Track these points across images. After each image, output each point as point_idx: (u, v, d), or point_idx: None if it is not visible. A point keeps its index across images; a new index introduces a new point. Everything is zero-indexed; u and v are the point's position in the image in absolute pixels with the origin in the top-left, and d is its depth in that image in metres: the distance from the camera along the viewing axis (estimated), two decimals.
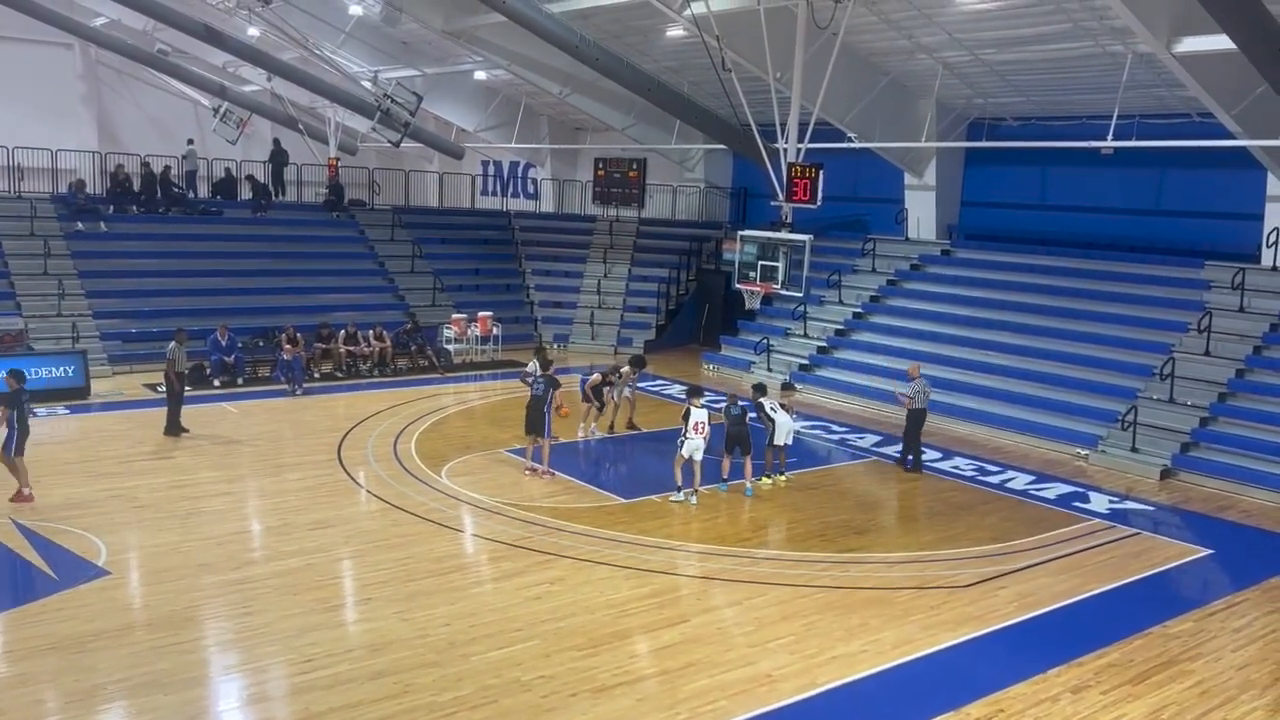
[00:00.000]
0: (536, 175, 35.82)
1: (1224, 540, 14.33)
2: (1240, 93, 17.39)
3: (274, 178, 31.87)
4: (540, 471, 15.58)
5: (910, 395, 16.84)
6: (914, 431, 17.07)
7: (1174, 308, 20.32)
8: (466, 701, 8.75)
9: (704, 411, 14.64)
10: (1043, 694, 9.32)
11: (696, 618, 10.71)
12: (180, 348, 17.37)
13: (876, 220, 26.97)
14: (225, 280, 25.39)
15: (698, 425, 14.38)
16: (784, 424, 15.64)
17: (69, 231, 24.80)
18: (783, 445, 15.77)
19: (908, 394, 16.90)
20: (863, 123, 23.28)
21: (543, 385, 15.43)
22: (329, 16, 26.42)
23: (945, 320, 23.02)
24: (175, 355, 17.23)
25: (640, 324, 28.85)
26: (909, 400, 16.85)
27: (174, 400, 17.35)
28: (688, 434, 14.42)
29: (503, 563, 12.10)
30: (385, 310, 26.32)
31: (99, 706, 8.50)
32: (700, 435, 14.39)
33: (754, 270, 20.52)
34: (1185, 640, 10.68)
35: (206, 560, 11.76)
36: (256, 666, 9.32)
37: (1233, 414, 17.79)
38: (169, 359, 17.29)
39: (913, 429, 17.05)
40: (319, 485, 14.89)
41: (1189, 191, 21.85)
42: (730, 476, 15.34)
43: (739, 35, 20.20)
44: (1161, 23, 16.08)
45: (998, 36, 20.17)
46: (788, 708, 8.91)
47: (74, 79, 33.97)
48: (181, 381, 17.38)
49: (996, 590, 11.82)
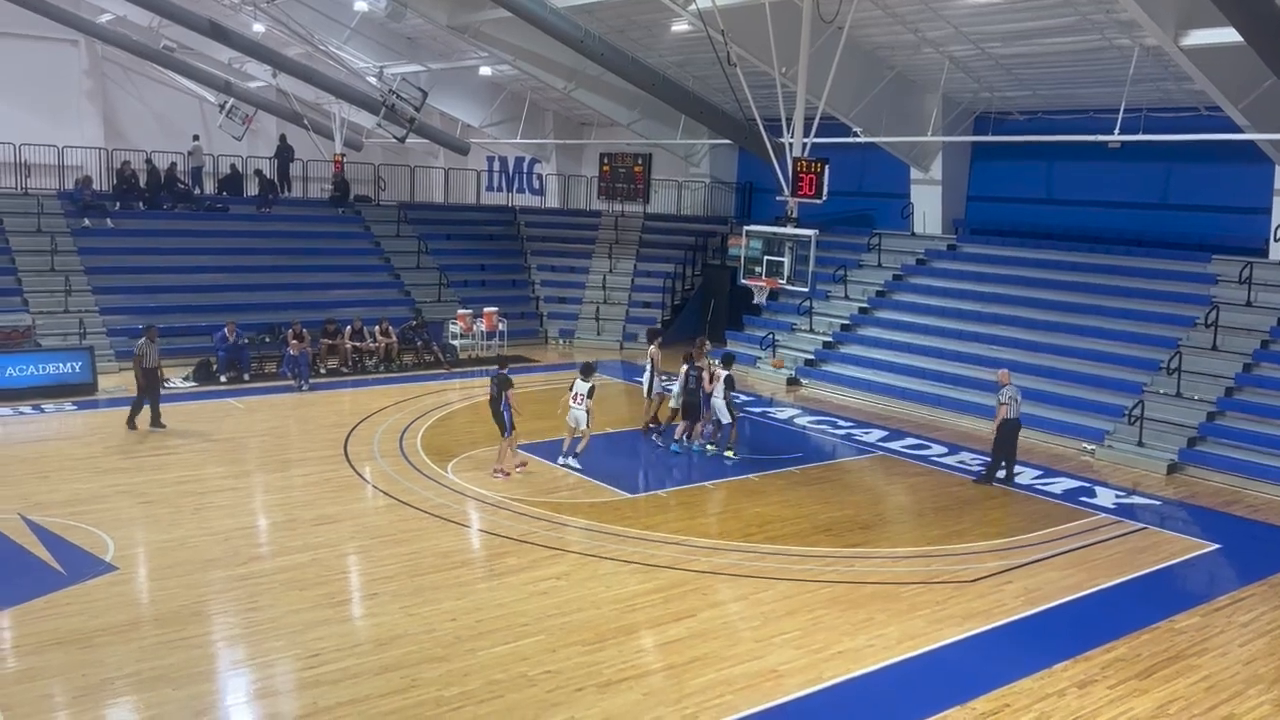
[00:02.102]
0: (542, 171, 35.82)
1: (1231, 535, 14.29)
2: (1248, 86, 17.33)
3: (280, 174, 31.91)
4: (494, 470, 15.34)
5: (1004, 402, 15.64)
6: (1007, 443, 15.85)
7: (1181, 302, 20.26)
8: (473, 696, 8.77)
9: (586, 385, 15.63)
10: (1049, 689, 9.31)
11: (703, 612, 10.71)
12: (151, 344, 17.35)
13: (882, 215, 26.93)
14: (231, 276, 25.46)
15: (576, 396, 15.53)
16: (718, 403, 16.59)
17: (75, 228, 24.86)
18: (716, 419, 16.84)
19: (1002, 401, 15.70)
20: (868, 117, 23.22)
21: (495, 386, 15.29)
22: (334, 12, 26.42)
23: (951, 315, 22.97)
24: (143, 352, 17.22)
25: (645, 319, 28.78)
26: (1003, 408, 15.68)
27: (141, 395, 17.30)
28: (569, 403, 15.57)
29: (509, 558, 12.11)
30: (391, 306, 26.33)
31: (107, 701, 8.53)
32: (580, 406, 15.50)
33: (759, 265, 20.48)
34: (1192, 635, 10.67)
35: (213, 555, 11.79)
36: (263, 661, 9.35)
37: (1240, 408, 17.74)
38: (136, 355, 17.32)
39: (1007, 440, 15.85)
40: (325, 481, 14.92)
41: (1196, 185, 21.78)
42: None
43: (744, 29, 20.16)
44: (1169, 15, 16.02)
45: (1004, 30, 20.10)
46: (793, 702, 8.91)
47: (80, 75, 34.03)
48: (150, 377, 17.27)
49: (1002, 585, 11.81)
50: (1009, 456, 16.01)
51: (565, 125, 33.98)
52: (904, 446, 18.34)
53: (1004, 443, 15.88)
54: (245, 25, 27.94)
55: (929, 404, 20.92)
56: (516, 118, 31.47)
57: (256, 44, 28.16)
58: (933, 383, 21.35)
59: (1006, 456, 15.98)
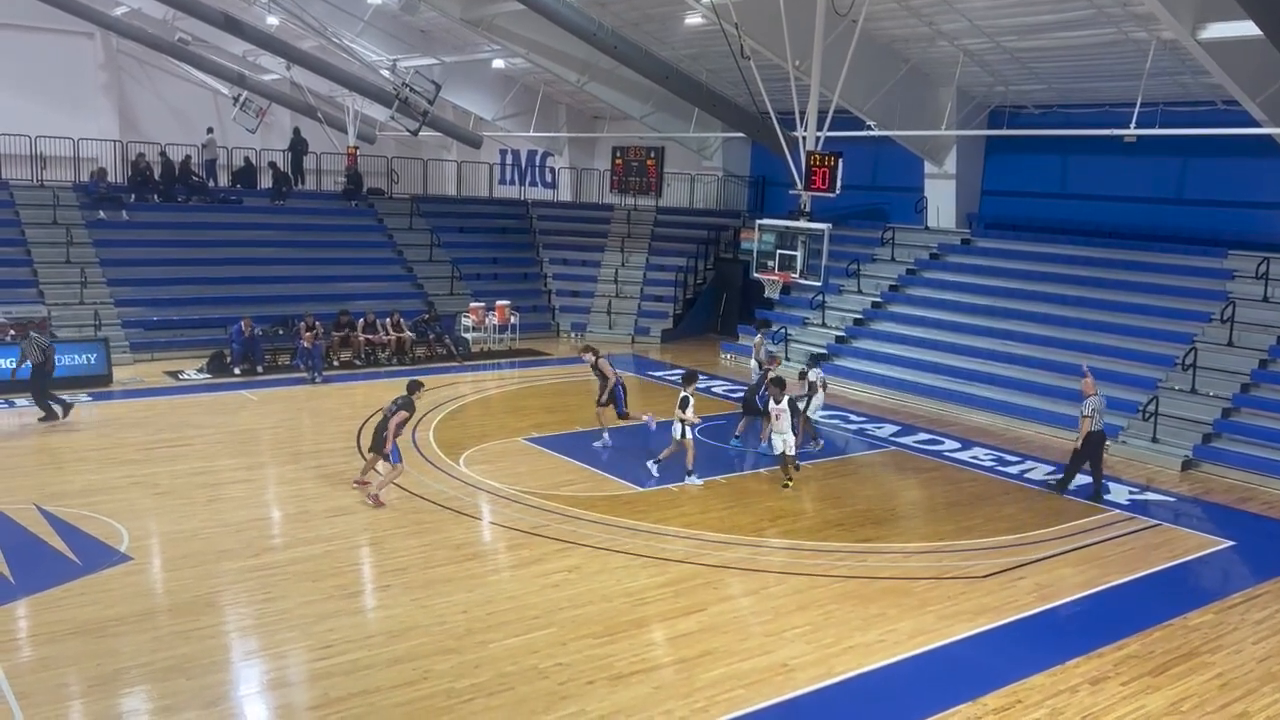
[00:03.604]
0: (554, 164, 35.82)
1: (1245, 532, 14.22)
2: (1266, 80, 17.19)
3: (294, 166, 32.01)
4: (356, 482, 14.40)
5: (1087, 415, 14.84)
6: (1093, 456, 14.96)
7: (1197, 297, 20.13)
8: (484, 688, 8.79)
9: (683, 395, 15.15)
10: (1061, 685, 9.28)
11: (713, 606, 10.72)
12: (33, 341, 17.32)
13: (896, 209, 26.83)
14: (245, 268, 25.59)
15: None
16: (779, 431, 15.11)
17: (91, 220, 25.01)
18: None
19: (1085, 413, 14.88)
20: (882, 110, 23.12)
21: (393, 407, 13.92)
22: (347, 5, 26.47)
23: (965, 310, 22.88)
24: (25, 349, 17.20)
25: (658, 313, 28.84)
26: (1085, 421, 14.86)
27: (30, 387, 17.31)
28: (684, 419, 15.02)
29: (520, 550, 12.14)
30: (403, 299, 26.40)
31: (121, 691, 8.59)
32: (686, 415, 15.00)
33: (772, 259, 20.46)
34: (1205, 632, 10.62)
35: (227, 546, 11.86)
36: (276, 652, 9.39)
37: (1255, 405, 17.63)
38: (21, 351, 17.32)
39: (1092, 454, 14.94)
40: (338, 473, 14.97)
41: (1213, 180, 21.61)
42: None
43: (758, 22, 20.10)
44: (1186, 9, 15.89)
45: (1019, 23, 19.98)
46: (804, 697, 8.92)
47: (95, 68, 34.20)
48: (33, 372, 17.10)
49: (1015, 581, 11.77)
50: (1095, 470, 15.07)
51: (578, 118, 33.96)
52: (916, 441, 18.29)
53: (1088, 455, 14.96)
54: (259, 18, 28.02)
55: (942, 399, 20.84)
56: (529, 111, 31.48)
57: (270, 37, 28.22)
58: (946, 377, 21.28)
59: (1093, 470, 15.04)
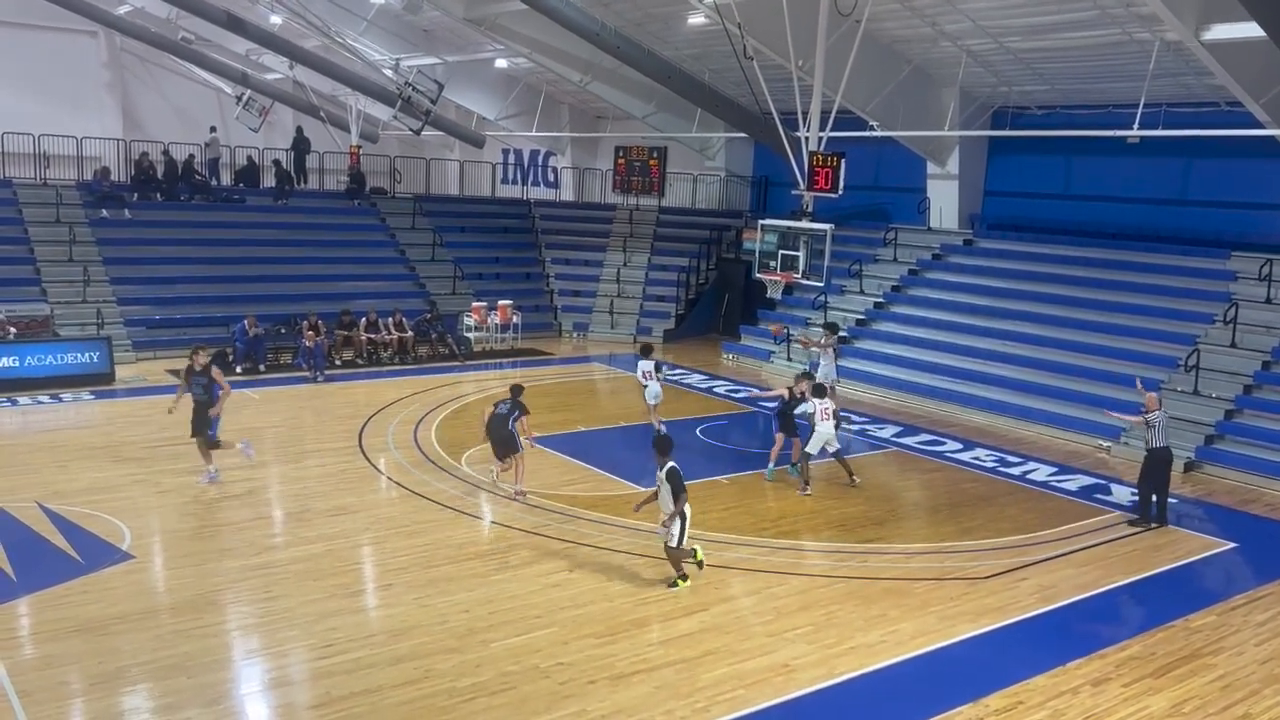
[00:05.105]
0: (557, 164, 35.83)
1: (1248, 534, 14.20)
2: (1269, 81, 17.18)
3: (296, 165, 32.02)
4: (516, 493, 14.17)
5: (1151, 425, 14.20)
6: (1158, 475, 14.14)
7: (1199, 299, 20.11)
8: (485, 688, 8.80)
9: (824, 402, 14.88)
10: (1063, 686, 9.27)
11: (715, 607, 10.71)
12: None
13: (898, 209, 26.82)
14: (248, 267, 25.57)
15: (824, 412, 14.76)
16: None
17: (94, 219, 25.02)
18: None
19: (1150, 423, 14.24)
20: (885, 111, 23.12)
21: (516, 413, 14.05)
22: (350, 4, 26.51)
23: (967, 310, 22.86)
24: None
25: (660, 313, 28.83)
26: (1151, 433, 14.23)
27: None
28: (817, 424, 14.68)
29: (522, 550, 12.14)
30: (406, 298, 26.39)
31: (122, 689, 8.59)
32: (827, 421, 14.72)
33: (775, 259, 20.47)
34: (1208, 634, 10.60)
35: (229, 545, 11.87)
36: (278, 651, 9.40)
37: (1258, 406, 17.61)
38: None
39: (1157, 472, 14.15)
40: (340, 472, 14.98)
41: (1216, 181, 21.59)
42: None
43: (761, 22, 20.10)
44: (1190, 10, 15.89)
45: (1023, 24, 19.97)
46: (805, 697, 8.91)
47: (98, 67, 34.22)
48: None
49: (1017, 582, 11.76)
50: (1160, 489, 14.22)
51: (581, 118, 33.96)
52: (918, 442, 18.28)
53: (1153, 474, 14.19)
54: (262, 17, 28.06)
55: (944, 399, 20.83)
56: (532, 110, 31.48)
57: (273, 36, 28.25)
58: (948, 378, 21.27)
59: (1158, 489, 14.20)
